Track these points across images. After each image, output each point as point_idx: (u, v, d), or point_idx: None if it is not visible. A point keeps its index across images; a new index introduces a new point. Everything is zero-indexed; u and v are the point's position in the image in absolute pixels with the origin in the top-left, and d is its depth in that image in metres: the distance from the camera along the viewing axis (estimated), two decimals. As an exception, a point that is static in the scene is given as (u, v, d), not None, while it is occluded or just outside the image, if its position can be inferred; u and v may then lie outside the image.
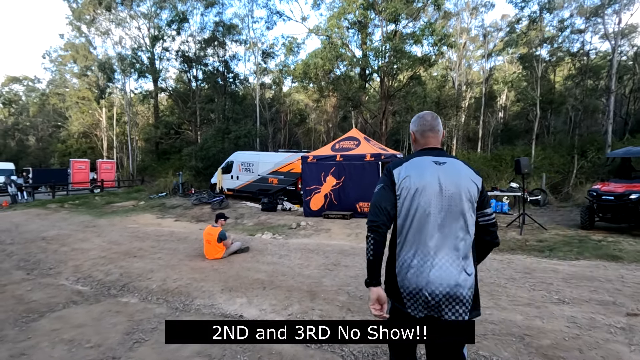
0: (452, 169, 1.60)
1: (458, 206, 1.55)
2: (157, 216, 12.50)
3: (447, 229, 1.55)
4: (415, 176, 1.58)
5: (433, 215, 1.55)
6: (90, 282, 5.02)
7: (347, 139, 11.55)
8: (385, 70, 12.61)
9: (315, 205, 11.02)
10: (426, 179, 1.57)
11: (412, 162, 1.64)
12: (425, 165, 1.61)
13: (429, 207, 1.55)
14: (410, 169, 1.61)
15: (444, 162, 1.62)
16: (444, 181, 1.57)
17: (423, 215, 1.55)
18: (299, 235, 8.59)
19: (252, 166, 14.59)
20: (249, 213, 12.15)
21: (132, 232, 9.22)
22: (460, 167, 1.62)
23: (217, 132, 19.12)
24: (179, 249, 7.06)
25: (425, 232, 1.55)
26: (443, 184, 1.56)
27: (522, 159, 7.83)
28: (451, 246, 1.55)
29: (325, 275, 4.97)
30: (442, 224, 1.55)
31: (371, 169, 10.23)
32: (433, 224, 1.55)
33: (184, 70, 23.38)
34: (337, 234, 8.61)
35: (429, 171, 1.59)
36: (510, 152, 16.35)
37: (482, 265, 5.48)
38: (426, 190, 1.56)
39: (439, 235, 1.54)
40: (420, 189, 1.56)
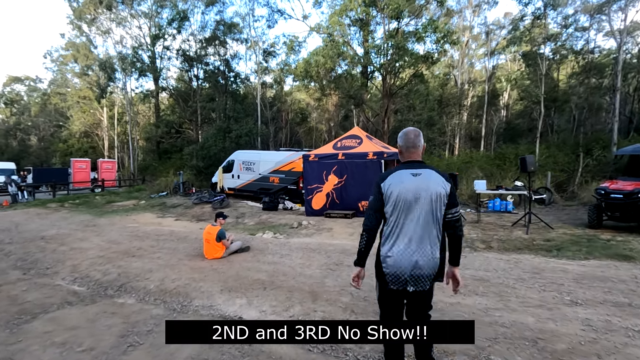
0: (425, 179, 2.05)
1: (429, 207, 2.03)
2: (157, 215, 12.39)
3: (421, 224, 2.04)
4: (397, 187, 2.05)
5: (411, 214, 2.04)
6: (87, 282, 4.90)
7: (349, 137, 11.40)
8: (388, 68, 12.46)
9: (317, 205, 10.88)
10: (405, 187, 2.04)
11: (394, 175, 2.10)
12: (404, 177, 2.07)
13: (408, 208, 2.04)
14: (393, 182, 2.08)
15: (419, 173, 2.07)
16: (419, 189, 2.03)
17: (403, 214, 2.05)
18: (300, 235, 8.46)
19: (253, 165, 14.47)
20: (250, 212, 12.03)
21: (132, 232, 9.10)
22: (433, 176, 2.07)
23: (218, 131, 18.99)
24: (179, 248, 6.94)
25: (406, 227, 2.06)
26: (418, 191, 2.03)
27: (528, 156, 7.67)
28: (425, 237, 2.04)
29: (328, 276, 4.83)
30: (417, 221, 2.03)
31: (374, 168, 10.08)
32: (411, 220, 2.04)
33: (185, 70, 23.29)
34: (339, 233, 8.47)
35: (407, 182, 2.05)
36: (514, 151, 16.17)
37: (488, 265, 5.37)
38: (406, 197, 2.03)
39: (415, 228, 2.04)
40: (401, 196, 2.04)
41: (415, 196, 2.02)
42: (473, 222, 9.00)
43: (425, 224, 2.03)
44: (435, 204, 2.02)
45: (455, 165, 15.76)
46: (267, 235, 8.42)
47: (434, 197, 2.02)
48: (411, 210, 2.03)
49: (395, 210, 2.06)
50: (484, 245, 7.14)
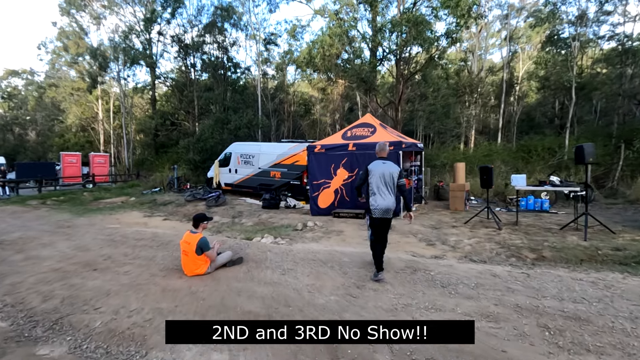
0: (388, 165, 4.34)
1: (388, 178, 4.26)
2: (144, 214, 11.07)
3: (385, 186, 4.26)
4: (375, 168, 4.32)
5: (381, 182, 4.25)
6: (15, 313, 3.57)
7: (360, 126, 9.99)
8: (402, 47, 10.95)
9: (324, 203, 9.51)
10: (378, 169, 4.30)
11: (373, 163, 4.41)
12: (379, 164, 4.36)
13: (379, 179, 4.26)
14: (373, 166, 4.36)
15: (385, 163, 4.39)
16: (384, 170, 4.29)
17: (377, 182, 4.26)
18: (305, 239, 7.10)
19: (252, 158, 13.10)
20: (249, 211, 10.69)
21: (109, 235, 7.78)
22: (391, 165, 4.39)
23: (215, 122, 17.57)
24: (156, 258, 5.60)
25: (379, 188, 4.25)
26: (384, 171, 4.28)
27: (586, 145, 6.23)
28: (387, 192, 4.26)
29: (348, 307, 3.47)
30: (385, 185, 4.26)
31: (390, 160, 8.67)
32: (381, 184, 4.25)
33: (181, 57, 21.81)
34: (351, 238, 7.11)
35: (380, 166, 4.32)
36: (539, 143, 14.70)
37: (569, 290, 3.58)
38: (378, 172, 4.28)
39: (383, 189, 4.25)
40: (376, 172, 4.29)
41: (383, 173, 4.30)
42: (510, 224, 7.60)
43: (388, 187, 4.29)
44: (392, 178, 4.31)
45: (476, 158, 14.29)
46: (266, 240, 7.07)
47: (392, 174, 4.32)
48: (381, 180, 4.28)
49: (373, 180, 4.31)
50: (534, 254, 5.76)
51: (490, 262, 5.40)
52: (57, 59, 30.14)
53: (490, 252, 6.04)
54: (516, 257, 5.77)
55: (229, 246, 6.02)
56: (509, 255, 5.87)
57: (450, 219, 8.70)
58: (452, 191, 9.84)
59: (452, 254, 6.05)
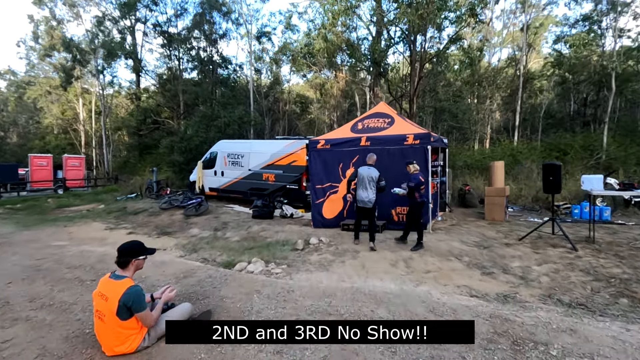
0: (372, 170, 5.85)
1: (370, 179, 5.79)
2: (107, 226, 8.98)
3: (368, 184, 5.79)
4: (362, 171, 5.88)
5: (365, 181, 5.80)
6: None
7: (374, 116, 8.06)
8: (422, 21, 9.06)
9: (331, 212, 7.54)
10: (364, 172, 5.85)
11: (361, 168, 5.96)
12: (365, 168, 5.91)
13: (364, 178, 5.81)
14: (361, 169, 5.91)
15: (370, 167, 5.89)
16: (368, 173, 5.81)
17: (362, 181, 5.82)
18: (309, 265, 5.12)
19: (242, 158, 11.08)
20: (236, 222, 8.68)
21: (41, 258, 5.72)
22: (374, 170, 5.85)
23: (201, 119, 15.50)
24: (75, 308, 3.55)
25: (363, 185, 5.82)
26: (368, 173, 5.81)
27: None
28: (370, 189, 5.79)
29: None
30: (368, 183, 5.79)
31: (414, 156, 6.77)
32: (364, 183, 5.80)
33: (166, 48, 19.69)
34: (373, 261, 5.15)
35: (366, 170, 5.86)
36: (574, 141, 12.88)
37: None
38: (364, 174, 5.83)
39: (366, 186, 5.79)
40: (362, 174, 5.85)
41: (367, 175, 5.77)
42: (581, 241, 5.68)
43: (370, 185, 5.74)
44: (374, 178, 5.76)
45: (497, 159, 12.39)
46: (254, 267, 5.06)
47: (373, 176, 5.76)
48: (365, 180, 5.77)
49: (360, 179, 5.82)
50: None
51: (595, 308, 3.49)
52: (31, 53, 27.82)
53: (583, 289, 4.11)
54: (628, 297, 3.84)
55: (187, 293, 3.99)
56: (614, 294, 3.94)
57: (495, 232, 6.76)
58: (488, 197, 7.91)
59: (526, 290, 4.11)
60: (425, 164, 6.70)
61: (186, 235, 7.85)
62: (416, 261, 5.17)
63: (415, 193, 5.80)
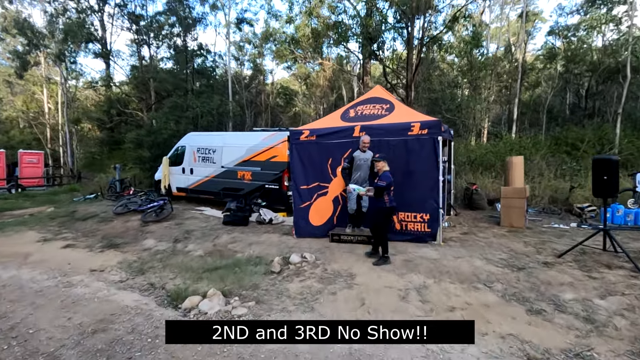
0: (368, 155, 5.52)
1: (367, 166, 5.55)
2: (43, 236, 7.29)
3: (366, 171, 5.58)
4: (358, 156, 5.54)
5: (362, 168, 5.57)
6: None
7: (368, 102, 6.65)
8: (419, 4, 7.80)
9: (319, 218, 6.12)
10: (361, 157, 5.52)
11: (357, 152, 5.58)
12: (361, 154, 5.55)
13: (361, 166, 5.55)
14: (357, 154, 5.56)
15: (366, 152, 5.53)
16: (365, 158, 5.53)
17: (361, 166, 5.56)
18: (287, 302, 3.67)
19: (213, 153, 9.51)
20: (202, 230, 7.16)
21: None
22: (369, 154, 5.54)
23: (171, 110, 13.79)
24: None
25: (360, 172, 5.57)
26: (365, 158, 5.53)
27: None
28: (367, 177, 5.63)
29: None
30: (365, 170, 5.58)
31: (421, 149, 5.42)
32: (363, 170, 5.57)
33: (132, 32, 17.74)
34: (376, 294, 3.75)
35: (361, 155, 5.53)
36: (576, 134, 11.82)
37: None
38: (361, 160, 5.52)
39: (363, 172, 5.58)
40: (360, 159, 5.53)
41: (364, 160, 5.50)
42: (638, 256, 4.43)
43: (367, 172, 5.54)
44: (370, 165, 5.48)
45: (500, 154, 11.18)
46: (208, 306, 3.57)
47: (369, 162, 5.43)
48: (363, 166, 5.50)
49: (357, 164, 5.54)
50: None
51: None
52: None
53: (684, 337, 2.82)
54: None
55: (93, 354, 2.50)
56: None
57: (522, 245, 5.45)
58: (505, 198, 6.63)
59: (601, 342, 2.81)
60: (436, 160, 5.35)
61: (138, 249, 6.30)
62: (433, 291, 3.80)
63: (385, 196, 4.53)
